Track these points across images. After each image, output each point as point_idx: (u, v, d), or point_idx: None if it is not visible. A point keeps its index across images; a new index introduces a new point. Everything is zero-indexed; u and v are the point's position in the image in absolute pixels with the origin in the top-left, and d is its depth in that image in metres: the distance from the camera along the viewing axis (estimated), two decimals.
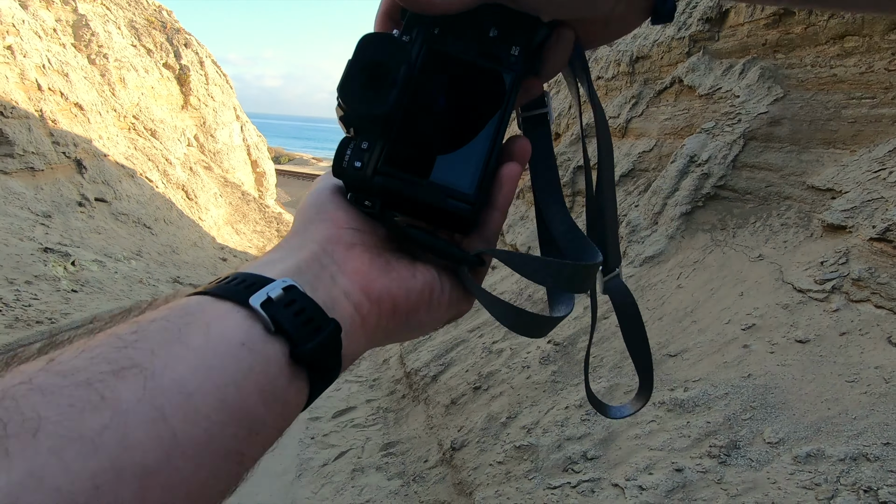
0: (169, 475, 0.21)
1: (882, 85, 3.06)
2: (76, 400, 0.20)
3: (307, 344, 0.27)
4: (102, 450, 0.20)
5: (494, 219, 0.37)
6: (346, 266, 0.32)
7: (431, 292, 0.35)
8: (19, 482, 0.18)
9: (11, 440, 0.18)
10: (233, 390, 0.24)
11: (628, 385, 2.68)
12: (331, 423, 4.38)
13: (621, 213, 4.34)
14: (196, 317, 0.26)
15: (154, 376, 0.22)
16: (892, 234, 2.31)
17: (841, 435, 1.79)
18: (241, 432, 0.24)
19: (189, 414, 0.22)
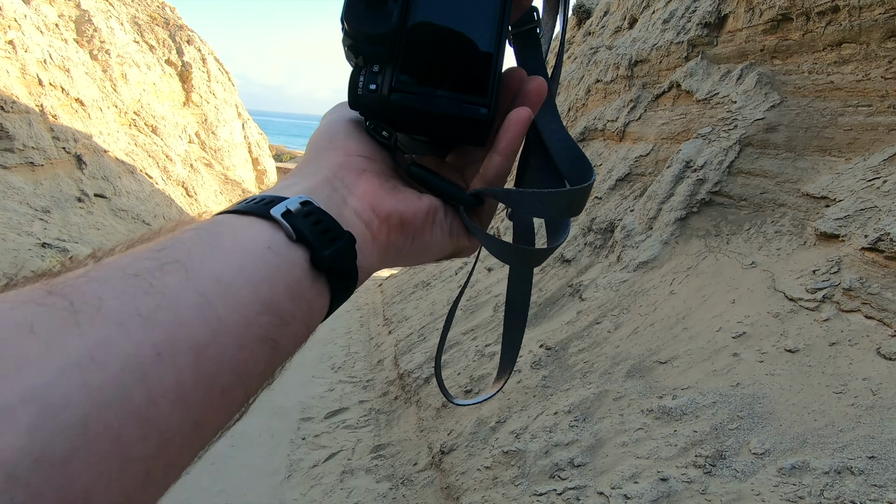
0: (217, 351, 0.23)
1: (878, 93, 3.05)
2: (129, 287, 0.22)
3: (326, 251, 0.29)
4: (159, 325, 0.22)
5: (496, 163, 0.38)
6: (356, 189, 0.34)
7: (436, 214, 0.37)
8: (94, 346, 0.20)
9: (80, 315, 0.20)
10: (264, 286, 0.26)
11: (617, 392, 2.66)
12: (323, 423, 4.37)
13: (616, 219, 4.33)
14: (224, 227, 0.28)
15: (194, 269, 0.24)
16: (884, 244, 2.30)
17: (826, 447, 1.77)
18: (273, 321, 0.26)
19: (228, 301, 0.24)
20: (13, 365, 0.18)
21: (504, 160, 0.38)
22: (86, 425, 0.19)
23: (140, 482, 0.20)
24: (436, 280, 7.91)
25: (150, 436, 0.20)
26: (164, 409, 0.21)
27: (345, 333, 7.41)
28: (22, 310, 0.20)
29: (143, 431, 0.20)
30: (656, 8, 5.52)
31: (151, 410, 0.21)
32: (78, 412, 0.19)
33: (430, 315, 6.10)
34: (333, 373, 5.69)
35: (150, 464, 0.21)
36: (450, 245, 0.39)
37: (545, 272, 4.73)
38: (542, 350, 3.45)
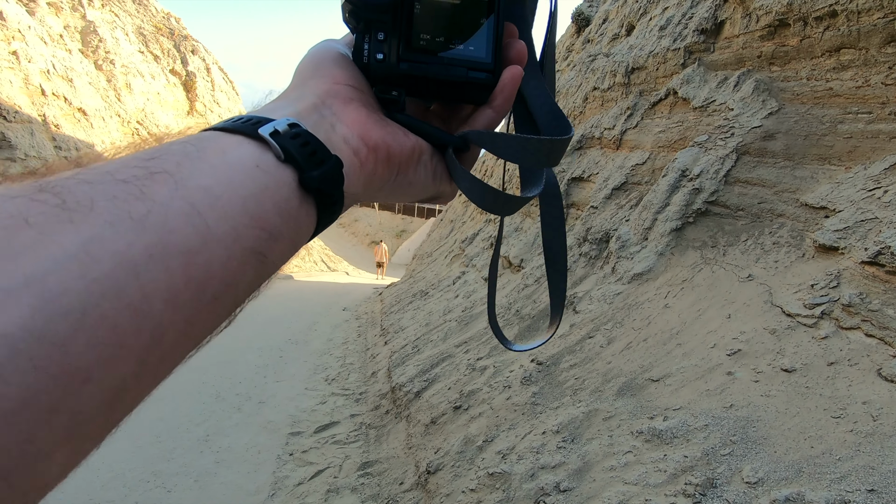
0: (207, 258, 0.24)
1: (879, 100, 2.94)
2: (119, 192, 0.22)
3: (314, 171, 0.30)
4: (150, 229, 0.22)
5: (488, 116, 0.40)
6: (344, 117, 0.35)
7: (421, 154, 0.38)
8: (88, 241, 0.20)
9: (73, 213, 0.21)
10: (252, 201, 0.26)
11: (607, 411, 2.55)
12: (311, 438, 4.27)
13: (611, 229, 4.23)
14: (212, 143, 0.28)
15: (183, 181, 0.24)
16: (885, 257, 2.19)
17: (823, 478, 1.65)
18: (262, 235, 0.27)
19: (217, 212, 0.25)
20: (11, 252, 0.19)
21: (497, 115, 0.40)
22: (83, 312, 0.19)
23: (135, 370, 0.21)
24: (434, 290, 7.82)
25: (143, 329, 0.21)
26: (157, 306, 0.22)
27: (342, 344, 7.32)
28: (15, 203, 0.20)
29: (137, 324, 0.21)
30: (653, 15, 5.45)
31: (145, 306, 0.21)
32: (76, 299, 0.19)
33: (425, 326, 6.00)
34: (327, 385, 5.59)
35: (144, 355, 0.21)
36: (432, 187, 0.40)
37: (540, 283, 4.63)
38: (532, 365, 3.35)
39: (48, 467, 0.19)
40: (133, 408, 0.23)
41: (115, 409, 0.21)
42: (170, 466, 3.74)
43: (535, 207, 6.44)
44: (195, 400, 4.93)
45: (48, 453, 0.19)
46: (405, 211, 27.97)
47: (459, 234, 10.23)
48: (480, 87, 0.39)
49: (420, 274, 9.96)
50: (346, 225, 28.51)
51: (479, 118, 0.40)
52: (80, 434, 0.20)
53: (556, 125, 0.42)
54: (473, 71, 0.38)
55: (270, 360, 6.29)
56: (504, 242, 6.47)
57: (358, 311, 9.50)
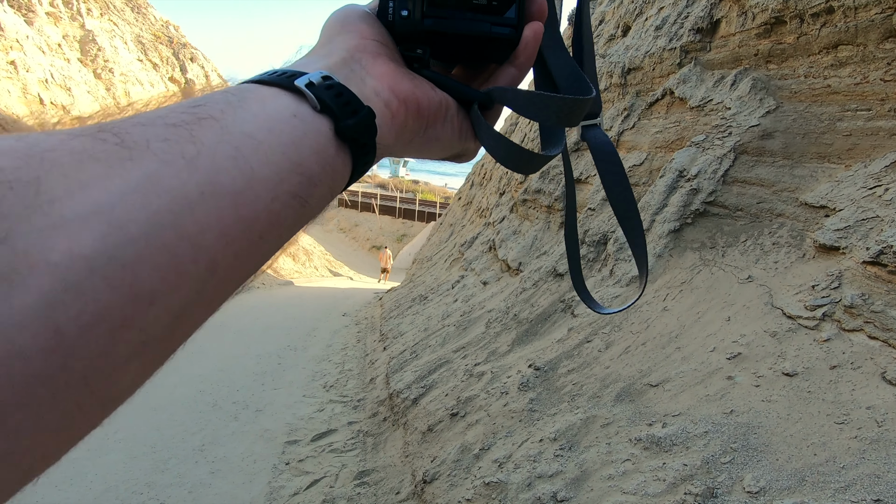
0: (252, 199, 0.25)
1: (878, 96, 2.89)
2: (170, 135, 0.24)
3: (348, 121, 0.31)
4: (201, 169, 0.24)
5: (511, 74, 0.41)
6: (374, 70, 0.35)
7: (448, 109, 0.39)
8: (148, 176, 0.22)
9: (132, 150, 0.23)
10: (292, 148, 0.28)
11: (605, 418, 2.49)
12: (308, 447, 4.22)
13: (609, 231, 4.17)
14: (251, 93, 0.29)
15: (228, 127, 0.26)
16: (887, 257, 2.13)
17: (827, 487, 1.60)
18: (303, 180, 0.28)
19: (261, 157, 0.26)
20: (80, 183, 0.20)
21: (519, 72, 0.41)
22: (147, 239, 0.21)
23: (192, 298, 0.23)
24: (433, 294, 7.77)
25: (199, 259, 0.23)
26: (210, 239, 0.23)
27: (341, 350, 7.27)
28: (80, 140, 0.22)
29: (193, 255, 0.23)
30: (649, 15, 5.41)
31: (199, 238, 0.23)
32: (140, 228, 0.21)
33: (424, 331, 5.94)
34: (325, 392, 5.54)
35: (200, 284, 0.23)
36: (457, 144, 0.41)
37: (538, 287, 4.58)
38: (530, 370, 3.29)
39: (122, 378, 0.21)
40: (190, 334, 0.25)
41: (176, 332, 0.23)
42: (164, 478, 3.69)
43: (534, 210, 6.39)
44: (191, 409, 4.88)
45: (121, 366, 0.21)
46: (405, 215, 27.94)
47: (459, 237, 10.18)
48: (504, 42, 0.40)
49: (420, 278, 9.91)
50: (346, 230, 28.50)
51: (502, 76, 0.41)
52: (148, 352, 0.22)
53: (576, 86, 0.43)
54: (497, 26, 0.39)
55: (268, 368, 6.24)
56: (502, 246, 6.42)
57: (358, 317, 9.45)
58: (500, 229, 6.98)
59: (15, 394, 0.17)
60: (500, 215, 7.53)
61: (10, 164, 0.20)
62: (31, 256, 0.18)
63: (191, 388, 5.38)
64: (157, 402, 4.94)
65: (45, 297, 0.18)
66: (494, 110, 0.43)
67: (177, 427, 4.49)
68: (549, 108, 0.38)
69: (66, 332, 0.18)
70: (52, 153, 0.21)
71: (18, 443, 0.18)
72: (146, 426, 4.43)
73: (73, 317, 0.19)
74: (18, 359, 0.17)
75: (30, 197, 0.19)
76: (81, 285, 0.19)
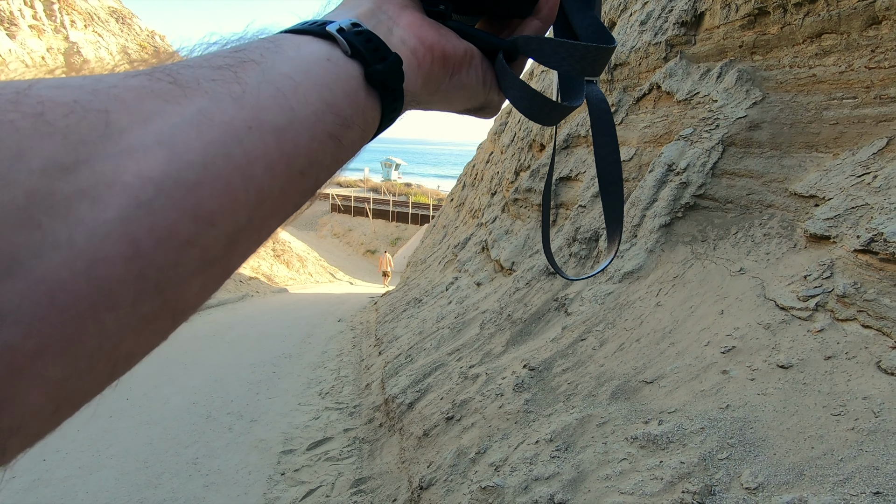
0: (294, 136, 0.27)
1: (863, 84, 2.88)
2: (216, 76, 0.26)
3: (378, 66, 0.32)
4: (247, 107, 0.25)
5: (535, 27, 0.42)
6: (400, 20, 0.37)
7: (473, 58, 0.40)
8: (200, 110, 0.24)
9: (184, 88, 0.24)
10: (327, 90, 0.29)
11: (601, 417, 2.46)
12: (304, 456, 4.16)
13: (600, 227, 4.15)
14: (286, 41, 0.31)
15: (268, 69, 0.28)
16: (878, 245, 2.11)
17: (826, 481, 1.57)
18: (337, 121, 0.30)
19: (299, 97, 0.28)
20: (142, 116, 0.22)
21: (543, 24, 0.42)
22: (204, 166, 0.23)
23: (244, 224, 0.25)
24: (427, 297, 7.72)
25: (249, 188, 0.24)
26: (258, 170, 0.25)
27: (336, 356, 7.21)
28: (138, 79, 0.24)
29: (244, 184, 0.24)
30: (633, 10, 5.41)
31: (249, 169, 0.24)
32: (197, 156, 0.23)
33: (418, 334, 5.90)
34: (320, 399, 5.48)
35: (251, 212, 0.25)
36: (482, 94, 0.42)
37: (531, 286, 4.54)
38: (525, 371, 3.25)
39: (188, 291, 0.23)
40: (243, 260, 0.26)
41: (232, 255, 0.25)
42: (157, 493, 3.62)
43: (525, 209, 6.37)
44: (184, 421, 4.80)
45: (188, 279, 0.22)
46: (399, 219, 27.87)
47: (452, 238, 10.15)
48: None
49: (414, 281, 9.86)
50: (340, 235, 28.38)
51: (526, 29, 0.42)
52: (209, 270, 0.23)
53: (599, 37, 0.43)
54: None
55: (263, 376, 6.17)
56: (494, 246, 6.39)
57: (353, 322, 9.38)
58: (492, 229, 6.95)
59: (103, 296, 0.19)
60: (492, 215, 7.50)
61: (83, 98, 0.21)
62: (109, 177, 0.20)
63: (184, 399, 5.31)
64: (149, 415, 4.87)
65: (123, 212, 0.20)
66: (518, 63, 0.43)
67: (170, 440, 4.41)
68: (573, 56, 0.38)
69: (142, 244, 0.20)
70: (115, 89, 0.23)
71: (107, 340, 0.20)
72: (138, 441, 4.35)
73: (146, 231, 0.21)
74: (106, 263, 0.19)
75: (101, 126, 0.21)
76: (152, 203, 0.21)
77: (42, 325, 0.18)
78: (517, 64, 0.43)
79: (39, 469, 3.85)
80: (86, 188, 0.20)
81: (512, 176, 7.56)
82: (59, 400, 0.20)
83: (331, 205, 29.98)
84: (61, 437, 4.32)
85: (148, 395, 5.32)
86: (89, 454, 4.10)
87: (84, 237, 0.19)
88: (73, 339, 0.19)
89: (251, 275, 13.51)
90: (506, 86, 0.42)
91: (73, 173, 0.20)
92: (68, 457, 4.04)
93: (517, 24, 0.43)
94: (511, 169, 7.77)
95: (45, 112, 0.20)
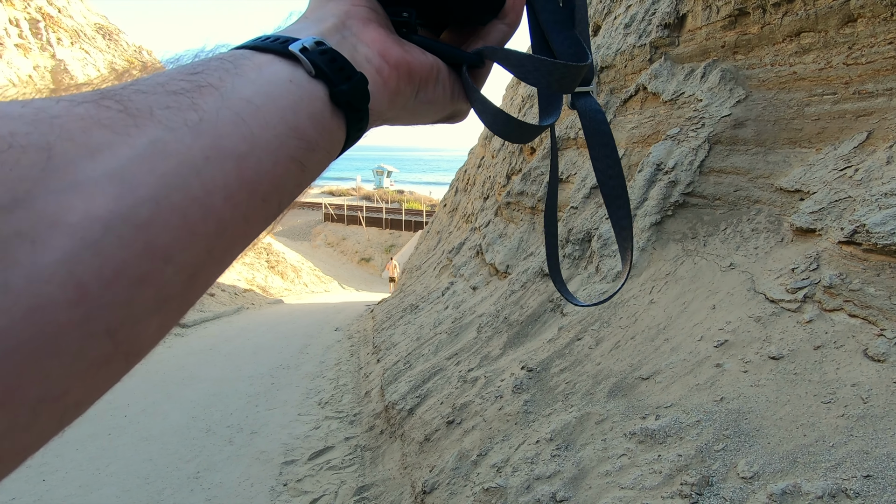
0: (255, 162, 0.26)
1: (842, 80, 2.96)
2: (171, 101, 0.25)
3: (343, 85, 0.31)
4: (204, 135, 0.24)
5: (499, 29, 0.42)
6: (364, 37, 0.36)
7: (439, 72, 0.39)
8: (153, 142, 0.23)
9: (136, 118, 0.23)
10: (289, 113, 0.29)
11: (599, 414, 2.50)
12: (306, 466, 4.16)
13: (592, 227, 4.21)
14: (247, 60, 0.30)
15: (227, 93, 0.27)
16: (861, 236, 2.17)
17: (818, 467, 1.61)
18: (301, 144, 0.29)
19: (260, 121, 0.27)
20: (89, 149, 0.21)
21: (509, 29, 0.42)
22: (157, 201, 0.22)
23: (203, 258, 0.24)
24: (424, 303, 7.74)
25: (208, 219, 0.24)
26: (218, 201, 0.24)
27: (334, 365, 7.20)
28: (85, 107, 0.23)
29: (202, 215, 0.23)
30: (617, 14, 5.50)
31: (207, 200, 0.24)
32: (150, 191, 0.22)
33: (416, 340, 5.92)
34: (320, 409, 5.48)
35: (210, 243, 0.24)
36: (449, 106, 0.42)
37: (526, 288, 4.59)
38: (523, 372, 3.29)
39: (143, 331, 0.22)
40: (203, 291, 0.25)
41: (191, 290, 0.24)
42: None
43: (518, 212, 6.42)
44: (184, 436, 4.79)
45: (142, 319, 0.22)
46: (392, 226, 27.90)
47: (446, 244, 10.19)
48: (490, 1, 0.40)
49: (410, 287, 9.88)
50: (334, 244, 28.35)
51: (493, 33, 0.41)
52: (166, 307, 0.23)
53: (573, 52, 0.43)
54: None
55: (262, 388, 6.16)
56: (489, 249, 6.43)
57: (350, 330, 9.38)
58: (486, 233, 7.00)
59: (45, 343, 0.19)
60: (486, 219, 7.55)
61: (21, 129, 0.20)
62: (51, 216, 0.19)
63: (183, 414, 5.29)
64: (148, 431, 4.85)
65: (67, 254, 0.19)
66: (485, 68, 0.42)
67: (170, 456, 4.40)
68: (539, 72, 0.38)
69: (89, 287, 0.19)
70: (59, 119, 0.21)
71: (52, 389, 0.19)
72: (138, 457, 4.34)
73: (93, 272, 0.20)
74: (47, 310, 0.18)
75: (43, 161, 0.20)
76: (99, 244, 0.20)
77: None
78: (484, 69, 0.42)
79: (39, 490, 3.82)
80: (24, 229, 0.19)
81: (504, 180, 7.62)
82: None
83: (324, 214, 29.98)
84: (60, 457, 4.29)
85: (146, 412, 5.30)
86: (89, 473, 4.08)
87: (22, 281, 0.18)
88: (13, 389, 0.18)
89: (246, 287, 13.47)
90: (471, 98, 0.41)
91: (11, 213, 0.18)
92: (68, 476, 4.02)
93: (482, 29, 0.42)
94: (503, 173, 7.84)
95: None
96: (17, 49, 14.58)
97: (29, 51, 15.26)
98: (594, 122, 0.46)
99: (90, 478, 3.99)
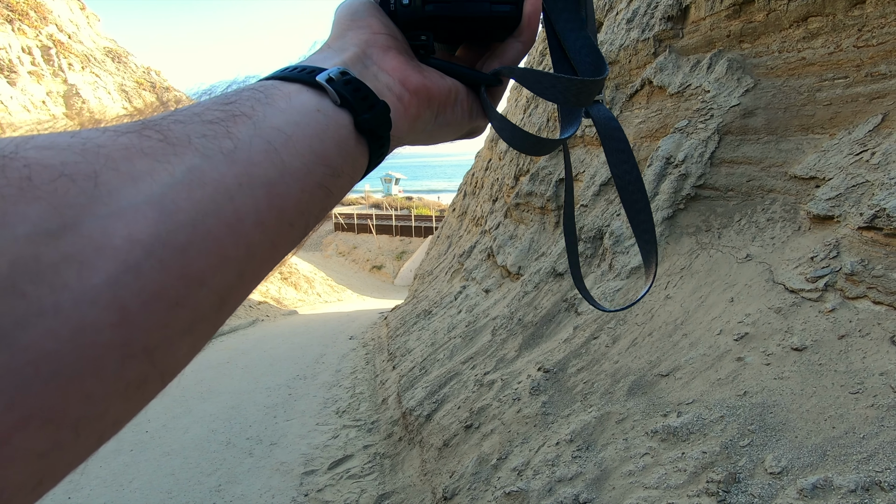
0: (284, 189, 0.27)
1: (853, 63, 2.90)
2: (207, 130, 0.26)
3: (366, 114, 0.33)
4: (238, 163, 0.26)
5: (517, 49, 0.43)
6: (385, 65, 0.37)
7: (457, 94, 0.41)
8: (191, 169, 0.24)
9: (175, 146, 0.25)
10: (317, 141, 0.30)
11: (620, 413, 2.46)
12: (326, 475, 4.16)
13: (604, 226, 4.16)
14: (276, 90, 0.31)
15: (259, 122, 0.28)
16: (881, 220, 2.11)
17: (850, 460, 1.56)
18: (327, 171, 0.30)
19: (290, 150, 0.28)
20: (132, 177, 0.22)
21: (524, 47, 0.42)
22: (194, 226, 0.23)
23: (234, 281, 0.25)
24: (437, 308, 7.73)
25: (240, 244, 0.25)
26: (248, 226, 0.25)
27: (350, 374, 7.21)
28: (129, 137, 0.24)
29: (234, 239, 0.24)
30: (619, 9, 5.47)
31: (239, 226, 0.25)
32: (187, 216, 0.23)
33: (431, 346, 5.90)
34: (338, 417, 5.48)
35: (242, 267, 0.25)
36: (467, 125, 0.43)
37: (539, 289, 4.55)
38: (540, 374, 3.25)
39: (178, 351, 0.23)
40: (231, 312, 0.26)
41: (221, 312, 0.25)
42: None
43: (528, 213, 6.39)
44: (205, 450, 4.82)
45: (177, 341, 0.22)
46: (402, 232, 27.97)
47: (457, 248, 10.17)
48: (505, 20, 0.40)
49: (422, 293, 9.88)
50: (345, 253, 28.49)
51: (508, 52, 0.42)
52: (198, 329, 0.23)
53: (590, 61, 0.43)
54: (497, 4, 0.40)
55: (279, 399, 6.18)
56: (500, 251, 6.40)
57: (364, 338, 9.40)
58: (496, 235, 6.97)
59: (89, 364, 0.19)
60: (496, 221, 7.53)
61: (71, 159, 0.21)
62: (97, 241, 0.20)
63: (203, 428, 5.33)
64: (169, 446, 4.89)
65: (111, 277, 0.20)
66: (502, 86, 0.43)
67: (191, 469, 4.43)
68: (556, 88, 0.38)
69: (130, 309, 0.20)
70: (104, 149, 0.23)
71: (92, 407, 0.20)
72: (160, 472, 4.37)
73: (135, 295, 0.20)
74: (91, 332, 0.19)
75: (90, 189, 0.21)
76: (140, 267, 0.21)
77: (25, 397, 0.18)
78: (498, 90, 0.44)
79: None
80: (72, 253, 0.19)
81: (512, 181, 7.60)
82: (40, 474, 0.19)
83: (334, 224, 30.15)
84: (85, 474, 4.34)
85: (167, 427, 5.34)
86: (113, 489, 4.12)
87: (70, 304, 0.19)
88: (58, 409, 0.18)
89: (260, 299, 13.58)
90: (490, 115, 0.42)
91: (60, 238, 0.19)
92: (93, 493, 4.06)
93: (498, 46, 0.43)
94: (510, 174, 7.81)
95: (32, 176, 0.20)
96: (31, 76, 14.93)
97: (42, 77, 15.62)
98: (608, 128, 0.46)
99: (115, 494, 4.03)
